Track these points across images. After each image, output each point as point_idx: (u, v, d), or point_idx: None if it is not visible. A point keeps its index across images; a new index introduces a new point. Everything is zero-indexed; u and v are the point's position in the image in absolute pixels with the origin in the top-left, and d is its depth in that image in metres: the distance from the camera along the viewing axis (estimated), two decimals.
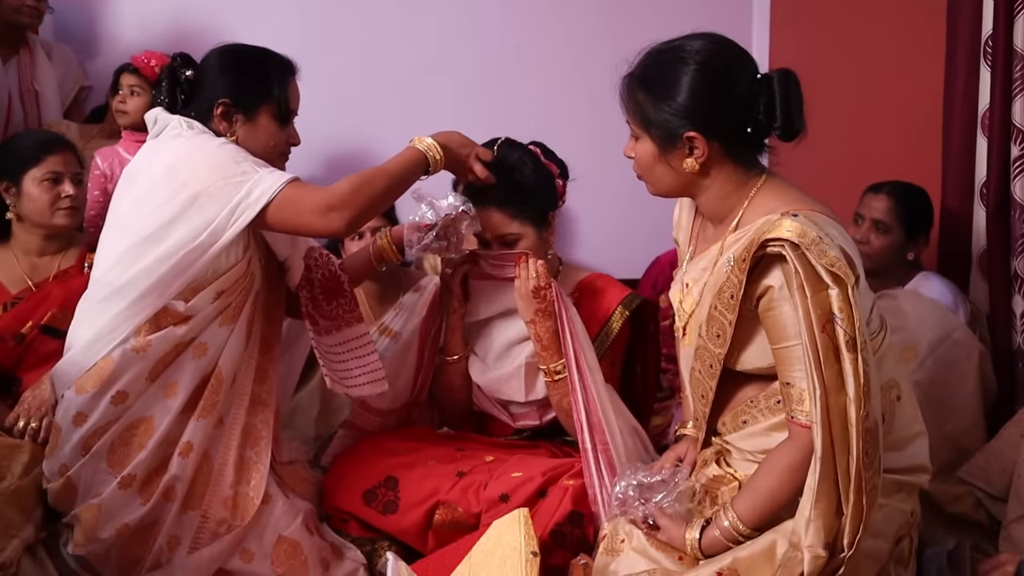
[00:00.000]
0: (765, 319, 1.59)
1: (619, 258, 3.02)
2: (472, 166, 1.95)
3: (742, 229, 1.63)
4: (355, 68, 3.06)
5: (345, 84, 2.99)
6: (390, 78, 3.06)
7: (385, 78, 3.06)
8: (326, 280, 2.04)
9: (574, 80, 3.06)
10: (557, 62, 3.11)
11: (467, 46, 3.09)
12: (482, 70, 3.10)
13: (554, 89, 3.10)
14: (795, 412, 1.57)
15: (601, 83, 1.72)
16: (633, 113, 1.67)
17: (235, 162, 1.77)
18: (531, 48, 3.13)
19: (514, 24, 3.11)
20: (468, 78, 3.05)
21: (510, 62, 3.12)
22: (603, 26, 3.02)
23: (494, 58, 3.11)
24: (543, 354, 2.02)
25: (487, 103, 2.82)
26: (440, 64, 3.09)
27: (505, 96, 3.01)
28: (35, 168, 2.24)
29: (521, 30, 3.12)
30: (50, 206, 2.24)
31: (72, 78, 3.05)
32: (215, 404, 1.84)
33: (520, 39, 3.13)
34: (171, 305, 1.78)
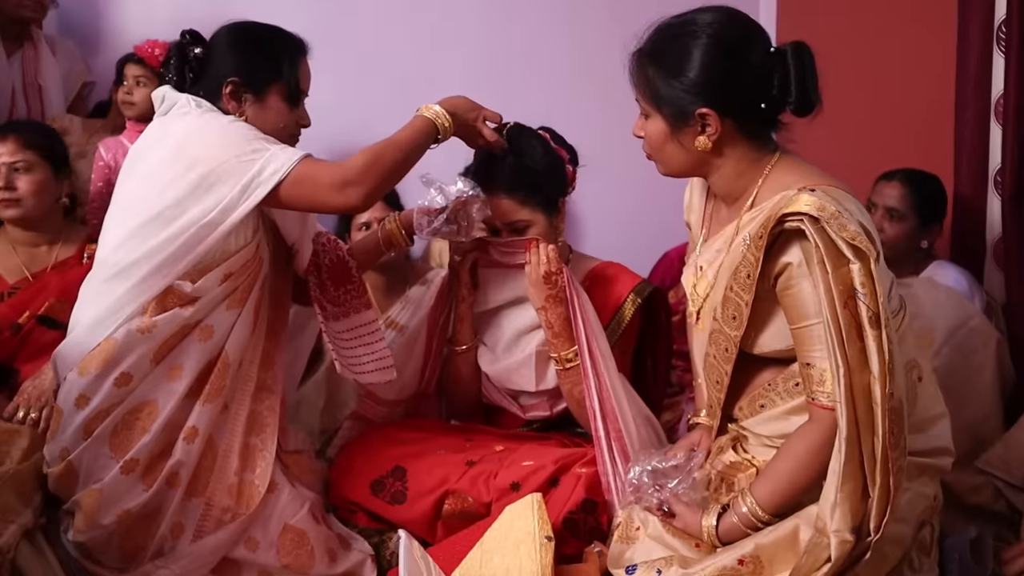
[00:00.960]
0: (783, 298, 1.53)
1: (626, 254, 2.95)
2: (481, 130, 1.90)
3: (757, 207, 1.58)
4: (360, 60, 3.02)
5: (350, 76, 2.95)
6: (395, 70, 3.02)
7: (390, 70, 3.02)
8: (334, 265, 1.98)
9: (581, 72, 3.01)
10: (564, 52, 3.07)
11: (473, 37, 3.06)
12: (488, 60, 3.06)
13: (560, 80, 3.05)
14: (816, 393, 1.51)
15: (607, 75, 1.68)
16: (643, 90, 1.61)
17: (246, 139, 1.72)
18: (538, 39, 3.09)
19: (520, 13, 3.08)
20: (474, 67, 3.00)
21: (516, 51, 3.08)
22: (610, 16, 2.97)
23: (500, 48, 3.08)
24: (554, 342, 1.96)
25: (494, 92, 2.77)
26: (446, 55, 3.05)
27: (512, 85, 2.95)
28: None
29: (527, 20, 3.09)
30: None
31: (76, 73, 3.01)
32: (221, 389, 1.77)
33: (526, 28, 3.09)
34: (177, 286, 1.72)
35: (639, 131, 1.66)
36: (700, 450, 1.75)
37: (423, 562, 1.45)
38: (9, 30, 2.78)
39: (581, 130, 2.25)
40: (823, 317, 1.44)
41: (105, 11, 3.05)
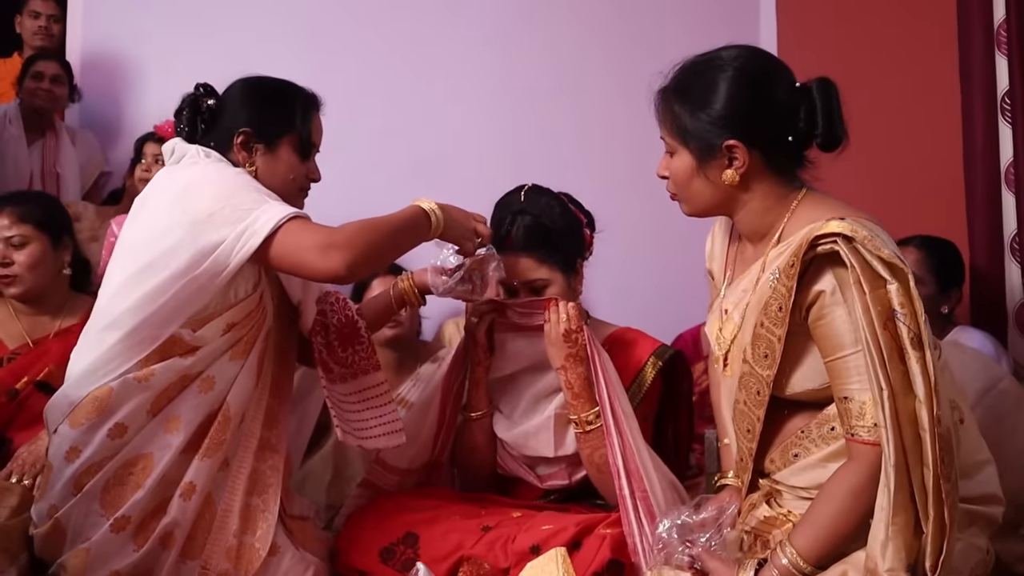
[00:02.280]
0: (816, 329, 1.44)
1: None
2: (475, 226, 1.81)
3: (785, 242, 1.50)
4: (375, 141, 3.04)
5: (363, 157, 2.95)
6: (412, 147, 3.03)
7: (407, 146, 3.04)
8: (342, 325, 1.88)
9: (586, 140, 3.02)
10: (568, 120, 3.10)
11: (488, 120, 3.08)
12: (501, 129, 3.08)
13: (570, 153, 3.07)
14: (855, 429, 1.40)
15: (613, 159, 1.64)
16: (669, 126, 1.56)
17: (246, 190, 1.65)
18: (548, 113, 3.12)
19: (535, 88, 3.11)
20: (492, 148, 3.02)
21: (529, 121, 3.10)
22: (615, 88, 3.00)
23: (513, 117, 3.10)
24: (574, 403, 1.85)
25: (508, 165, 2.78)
26: (462, 137, 3.07)
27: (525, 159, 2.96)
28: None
29: (540, 97, 3.12)
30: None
31: (94, 163, 3.03)
32: (221, 444, 1.65)
33: (537, 108, 3.12)
34: (177, 334, 1.62)
35: (663, 171, 1.59)
36: (732, 503, 1.61)
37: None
38: (31, 120, 2.82)
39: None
40: (862, 341, 1.34)
41: (125, 104, 3.10)
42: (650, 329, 2.15)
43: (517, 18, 3.26)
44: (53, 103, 2.91)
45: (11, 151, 2.81)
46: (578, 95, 3.13)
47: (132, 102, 3.06)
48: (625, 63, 3.11)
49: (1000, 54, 2.34)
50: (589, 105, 3.12)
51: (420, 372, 2.42)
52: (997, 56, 2.36)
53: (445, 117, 3.06)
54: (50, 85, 2.95)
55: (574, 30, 3.23)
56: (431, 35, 3.22)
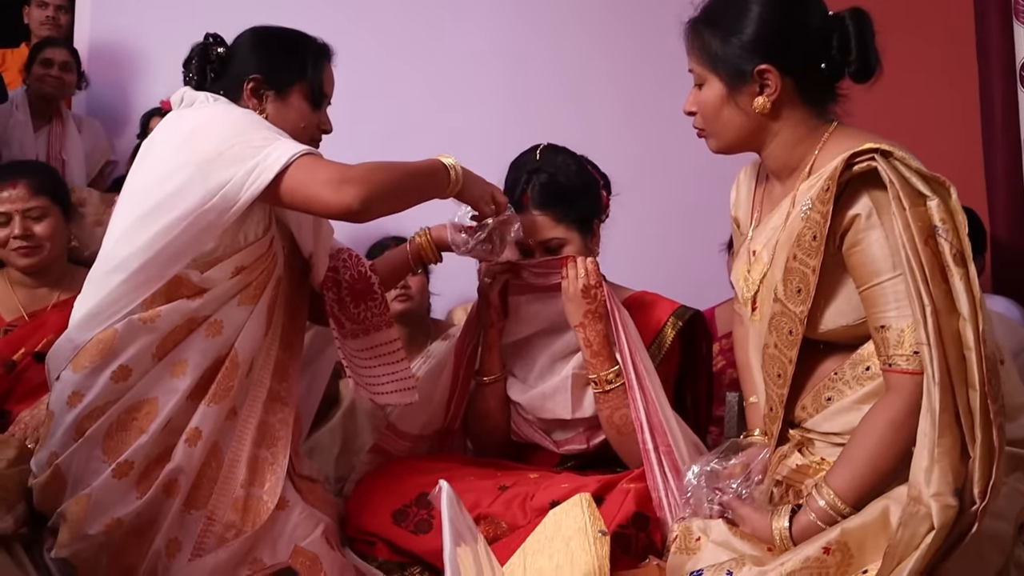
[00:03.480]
0: (851, 256, 1.37)
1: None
2: (494, 192, 1.74)
3: (816, 174, 1.44)
4: (377, 146, 2.98)
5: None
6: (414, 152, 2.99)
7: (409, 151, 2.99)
8: (355, 281, 1.81)
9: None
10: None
11: (491, 125, 3.04)
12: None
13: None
14: (893, 358, 1.32)
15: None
16: (698, 55, 1.50)
17: (255, 128, 1.58)
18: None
19: (537, 95, 3.08)
20: (494, 152, 3.00)
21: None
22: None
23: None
24: (593, 361, 1.78)
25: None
26: (464, 143, 3.01)
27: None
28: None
29: (543, 104, 3.09)
30: (2, 246, 2.06)
31: (99, 152, 3.00)
32: (229, 390, 1.57)
33: (540, 114, 3.08)
34: (185, 275, 1.55)
35: (691, 106, 1.53)
36: (763, 450, 1.53)
37: (464, 516, 1.22)
38: (38, 107, 2.80)
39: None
40: (902, 260, 1.27)
41: (131, 94, 3.07)
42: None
43: (521, 26, 3.26)
44: (61, 90, 2.90)
45: (17, 136, 2.78)
46: (581, 102, 3.11)
47: (139, 92, 3.04)
48: (627, 69, 3.10)
49: (1018, 23, 2.30)
50: (591, 110, 3.10)
51: (431, 349, 2.35)
52: (1015, 26, 2.32)
53: (447, 123, 3.04)
54: (59, 72, 2.94)
55: (577, 37, 3.23)
56: (434, 42, 3.21)
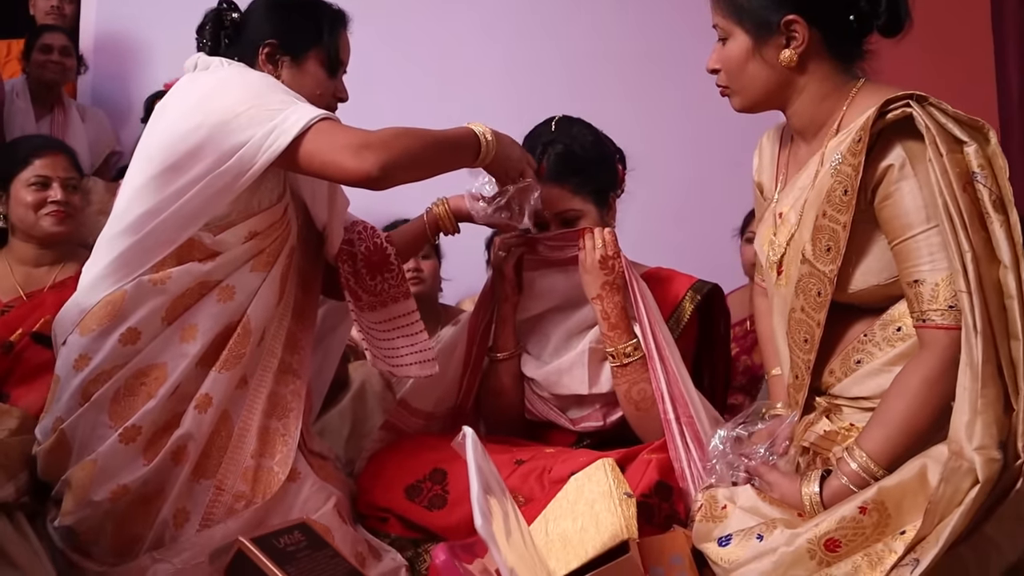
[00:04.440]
0: (883, 210, 1.33)
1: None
2: (523, 169, 1.69)
3: (845, 131, 1.40)
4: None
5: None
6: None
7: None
8: (370, 253, 1.75)
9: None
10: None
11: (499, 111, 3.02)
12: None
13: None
14: (928, 314, 1.27)
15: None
16: (724, 7, 1.46)
17: (272, 90, 1.53)
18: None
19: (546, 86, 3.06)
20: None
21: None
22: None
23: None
24: (610, 334, 1.73)
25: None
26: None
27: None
28: (24, 171, 2.08)
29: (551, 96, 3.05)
30: (35, 210, 2.05)
31: (103, 142, 2.96)
32: (240, 357, 1.51)
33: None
34: (197, 237, 1.50)
35: (715, 63, 1.49)
36: (790, 415, 1.48)
37: (490, 466, 1.17)
38: (40, 94, 2.77)
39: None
40: (939, 208, 1.23)
41: (136, 86, 3.04)
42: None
43: (525, 10, 3.24)
44: (63, 75, 2.89)
45: (18, 123, 2.75)
46: (588, 86, 3.10)
47: (143, 83, 3.01)
48: (635, 62, 3.08)
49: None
50: (598, 96, 3.08)
51: (441, 335, 2.30)
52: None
53: (449, 113, 3.03)
54: (59, 57, 2.94)
55: (583, 20, 3.22)
56: (438, 33, 3.20)
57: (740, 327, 2.60)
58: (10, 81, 2.94)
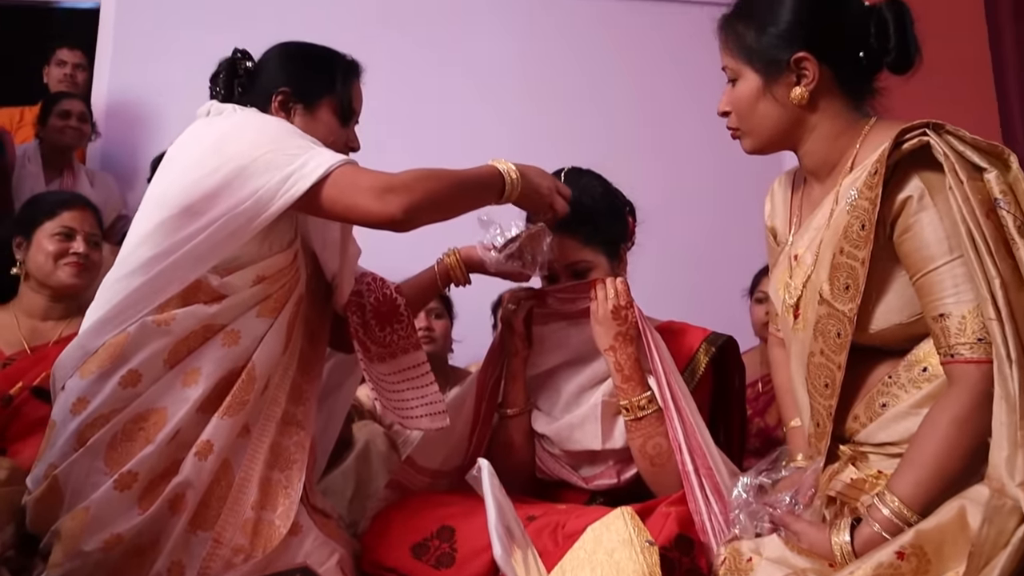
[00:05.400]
0: (903, 244, 1.29)
1: None
2: (552, 200, 1.66)
3: (859, 167, 1.37)
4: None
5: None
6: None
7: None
8: (379, 304, 1.71)
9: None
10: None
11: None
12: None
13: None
14: (956, 348, 1.22)
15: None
16: (733, 49, 1.45)
17: (291, 135, 1.51)
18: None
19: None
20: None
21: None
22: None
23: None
24: (624, 386, 1.67)
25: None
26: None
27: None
28: (49, 222, 2.07)
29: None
30: (55, 259, 2.03)
31: (111, 206, 2.96)
32: (243, 404, 1.45)
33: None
34: (204, 278, 1.46)
35: (725, 105, 1.47)
36: (815, 461, 1.41)
37: (507, 501, 1.09)
38: (51, 158, 2.79)
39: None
40: (961, 238, 1.20)
41: (145, 149, 3.05)
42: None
43: (545, 56, 3.30)
44: (79, 140, 2.96)
45: (28, 187, 2.75)
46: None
47: (151, 148, 3.01)
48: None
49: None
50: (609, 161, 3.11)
51: (448, 395, 2.24)
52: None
53: (467, 151, 3.05)
54: (77, 123, 3.00)
55: (602, 71, 3.27)
56: (456, 74, 3.27)
57: (752, 388, 2.54)
58: (22, 146, 2.97)
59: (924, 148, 1.25)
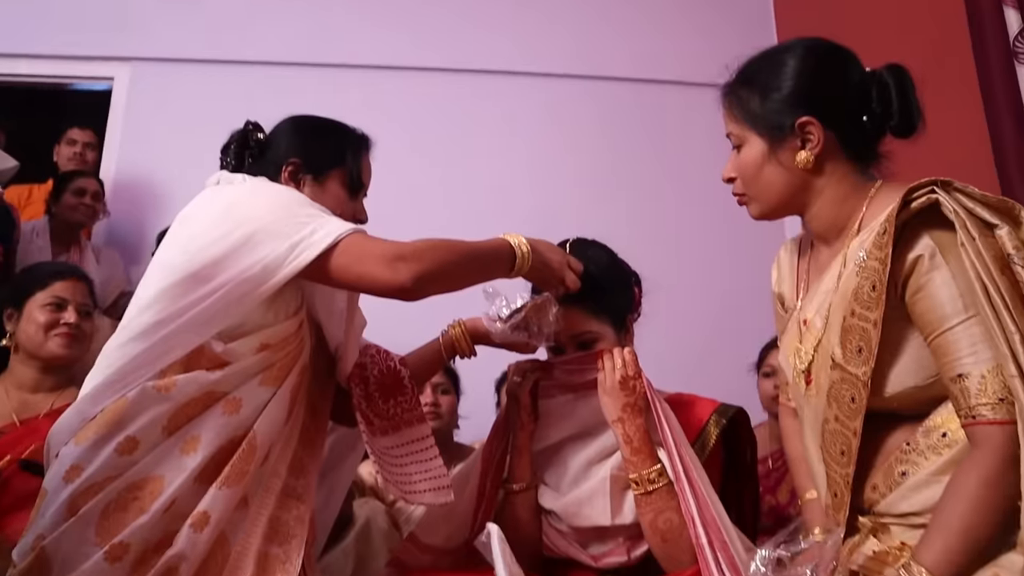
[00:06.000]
0: (916, 304, 1.27)
1: None
2: (563, 274, 1.64)
3: (867, 229, 1.36)
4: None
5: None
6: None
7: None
8: (383, 376, 1.68)
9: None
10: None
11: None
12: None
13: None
14: (977, 409, 1.19)
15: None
16: (737, 115, 1.45)
17: (300, 204, 1.50)
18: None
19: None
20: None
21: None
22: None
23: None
24: (633, 459, 1.62)
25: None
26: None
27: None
28: (40, 292, 2.06)
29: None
30: (46, 331, 2.01)
31: (115, 282, 2.97)
32: (243, 475, 1.40)
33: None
34: (207, 344, 1.42)
35: (731, 172, 1.47)
36: (835, 532, 1.35)
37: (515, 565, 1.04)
38: (60, 234, 2.82)
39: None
40: (976, 295, 1.18)
41: (150, 225, 3.08)
42: None
43: (549, 132, 3.37)
44: (91, 218, 3.02)
45: (35, 261, 2.74)
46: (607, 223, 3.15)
47: (157, 225, 3.03)
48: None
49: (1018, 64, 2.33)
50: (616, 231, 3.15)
51: (453, 473, 2.18)
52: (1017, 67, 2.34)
53: (472, 229, 3.07)
54: (91, 201, 3.05)
55: (602, 152, 3.31)
56: (458, 149, 3.32)
57: (763, 465, 2.47)
58: (31, 222, 3.00)
59: (933, 206, 1.25)
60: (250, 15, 3.55)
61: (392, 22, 3.66)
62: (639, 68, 3.61)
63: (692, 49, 3.57)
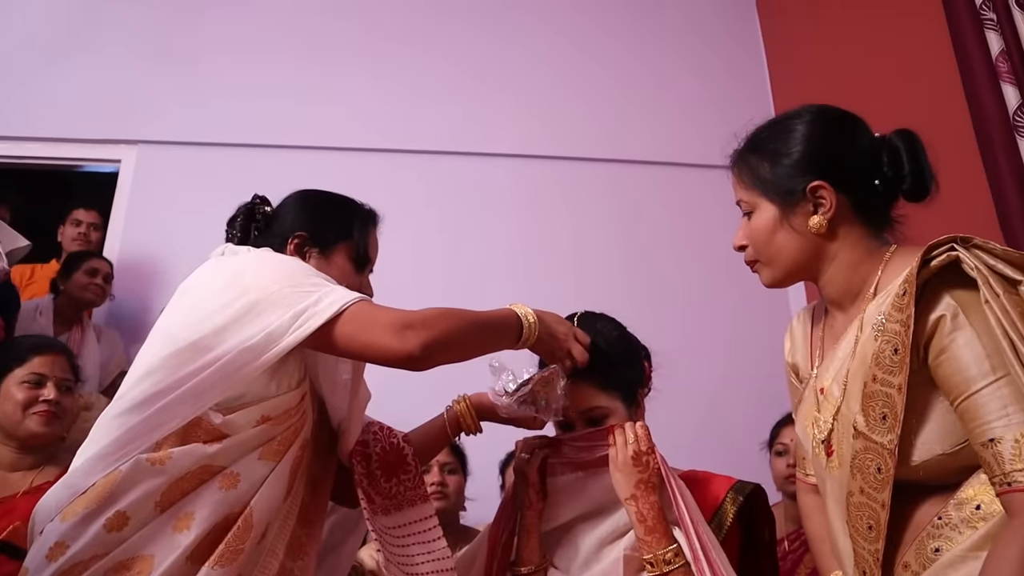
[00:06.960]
0: (940, 367, 1.21)
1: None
2: (570, 346, 1.61)
3: (883, 292, 1.33)
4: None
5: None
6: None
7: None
8: (386, 453, 1.63)
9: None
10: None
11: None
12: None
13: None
14: (1013, 475, 1.12)
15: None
16: (747, 181, 1.43)
17: (306, 273, 1.47)
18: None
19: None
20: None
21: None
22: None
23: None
24: (648, 539, 1.53)
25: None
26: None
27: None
28: (19, 368, 2.00)
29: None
30: (23, 408, 1.95)
31: (115, 361, 2.93)
32: (237, 554, 1.32)
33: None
34: (204, 416, 1.36)
35: (741, 240, 1.44)
36: None
37: None
38: (65, 314, 2.80)
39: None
40: (1004, 355, 1.12)
41: (152, 305, 3.05)
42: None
43: (544, 206, 3.40)
44: (100, 299, 3.01)
45: None
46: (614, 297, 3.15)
47: (159, 304, 3.01)
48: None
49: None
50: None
51: (457, 556, 2.09)
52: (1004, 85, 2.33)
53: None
54: (102, 282, 3.04)
55: (602, 216, 3.35)
56: (456, 219, 3.35)
57: (779, 547, 2.37)
58: (34, 300, 2.98)
59: (953, 264, 1.21)
60: (254, 100, 3.61)
61: (397, 105, 3.72)
62: (645, 151, 3.66)
63: (685, 132, 3.63)
